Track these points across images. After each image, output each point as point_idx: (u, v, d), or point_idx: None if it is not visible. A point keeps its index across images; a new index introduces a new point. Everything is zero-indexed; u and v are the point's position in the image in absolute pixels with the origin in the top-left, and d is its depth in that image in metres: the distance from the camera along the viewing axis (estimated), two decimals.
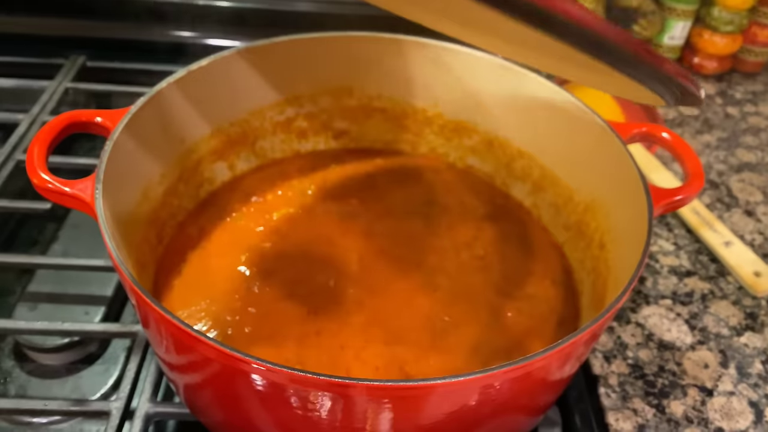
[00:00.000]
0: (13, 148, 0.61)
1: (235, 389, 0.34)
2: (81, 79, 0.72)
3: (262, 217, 0.52)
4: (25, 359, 0.51)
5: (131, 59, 0.75)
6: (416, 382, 0.30)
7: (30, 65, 0.74)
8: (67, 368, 0.51)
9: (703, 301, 0.57)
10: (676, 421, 0.48)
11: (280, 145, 0.57)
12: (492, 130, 0.55)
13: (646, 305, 0.56)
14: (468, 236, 0.52)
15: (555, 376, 0.37)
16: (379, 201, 0.54)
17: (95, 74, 0.73)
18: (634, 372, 0.51)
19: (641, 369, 0.51)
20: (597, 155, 0.47)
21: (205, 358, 0.33)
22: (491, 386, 0.33)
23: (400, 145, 0.59)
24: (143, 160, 0.45)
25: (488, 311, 0.47)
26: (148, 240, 0.46)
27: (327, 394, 0.31)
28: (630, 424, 0.47)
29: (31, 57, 0.74)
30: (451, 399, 0.33)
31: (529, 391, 0.37)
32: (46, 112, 0.66)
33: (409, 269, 0.49)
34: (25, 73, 0.72)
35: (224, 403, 0.37)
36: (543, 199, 0.53)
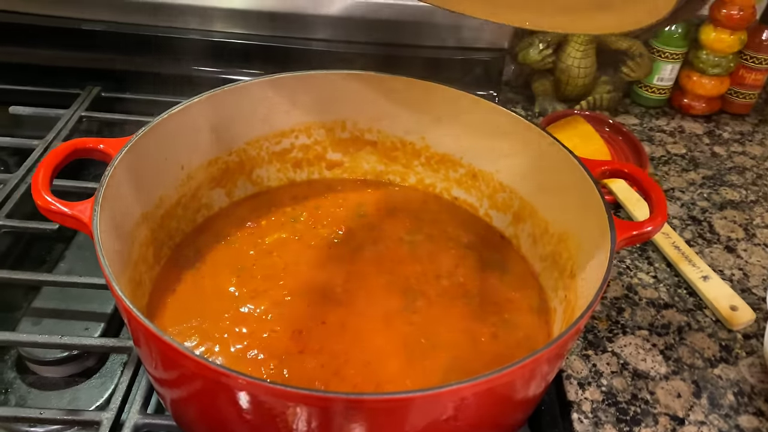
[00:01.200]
0: (27, 171, 0.65)
1: (217, 403, 0.37)
2: (95, 109, 0.76)
3: (254, 241, 0.55)
4: (27, 371, 0.54)
5: (143, 91, 0.79)
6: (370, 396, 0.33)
7: (48, 94, 0.78)
8: (66, 381, 0.54)
9: (680, 333, 0.59)
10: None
11: (276, 174, 0.60)
12: (475, 164, 0.58)
13: (623, 335, 0.58)
14: (450, 264, 0.55)
15: (520, 394, 0.39)
16: (366, 229, 0.57)
17: (109, 104, 0.77)
18: (608, 399, 0.53)
19: (614, 396, 0.53)
20: (569, 189, 0.49)
21: (189, 371, 0.35)
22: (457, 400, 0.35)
23: (390, 176, 0.62)
24: (143, 185, 0.48)
25: (465, 335, 0.49)
26: (145, 259, 0.49)
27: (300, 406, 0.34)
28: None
29: (50, 87, 0.78)
30: (418, 413, 0.35)
31: (495, 409, 0.39)
32: (60, 139, 0.70)
33: (391, 294, 0.51)
34: (43, 101, 0.77)
35: (208, 417, 0.40)
36: (522, 230, 0.56)
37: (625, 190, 0.71)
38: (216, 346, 0.46)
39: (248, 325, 0.48)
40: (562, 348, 0.37)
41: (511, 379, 0.36)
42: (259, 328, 0.48)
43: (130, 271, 0.46)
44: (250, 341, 0.47)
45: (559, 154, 0.50)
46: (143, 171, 0.47)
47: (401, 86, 0.57)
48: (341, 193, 0.61)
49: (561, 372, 0.54)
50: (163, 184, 0.51)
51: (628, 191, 0.71)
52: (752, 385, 0.55)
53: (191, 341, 0.47)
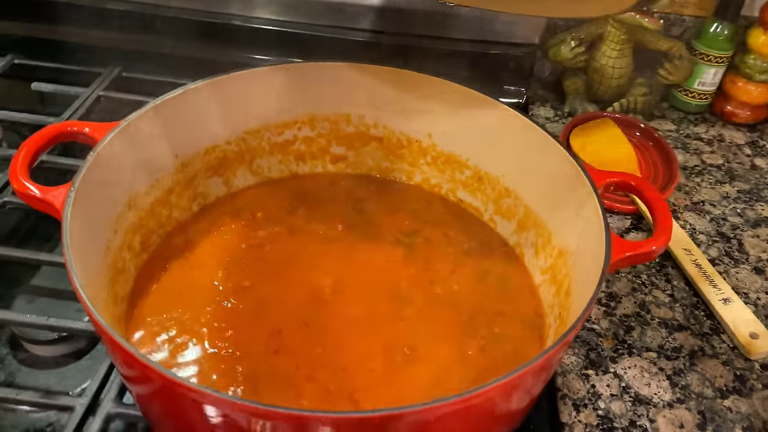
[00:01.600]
0: None
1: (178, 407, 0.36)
2: (114, 89, 0.76)
3: (247, 234, 0.54)
4: (19, 348, 0.55)
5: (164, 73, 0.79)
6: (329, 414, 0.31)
7: (71, 72, 0.78)
8: (57, 360, 0.54)
9: (691, 358, 0.55)
10: None
11: (278, 166, 0.59)
12: (482, 166, 0.56)
13: (629, 356, 0.55)
14: (446, 270, 0.52)
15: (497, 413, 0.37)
16: (364, 228, 0.55)
17: (128, 84, 0.77)
18: (603, 424, 0.50)
19: (611, 422, 0.50)
20: (571, 200, 0.46)
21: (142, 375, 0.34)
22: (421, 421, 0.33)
23: (395, 174, 0.60)
24: (131, 172, 0.47)
25: (451, 347, 0.47)
26: (131, 246, 0.48)
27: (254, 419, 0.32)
28: None
29: (73, 65, 0.78)
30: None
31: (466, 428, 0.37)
32: (75, 117, 0.70)
33: (380, 298, 0.50)
34: (66, 79, 0.77)
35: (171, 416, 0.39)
36: (526, 239, 0.53)
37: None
38: (192, 340, 0.46)
39: (228, 320, 0.47)
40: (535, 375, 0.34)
41: (478, 401, 0.34)
42: (238, 324, 0.47)
43: (112, 258, 0.46)
44: (227, 337, 0.46)
45: (563, 162, 0.47)
46: (131, 157, 0.47)
47: (412, 82, 0.55)
48: (343, 189, 0.59)
49: (556, 390, 0.51)
50: (154, 171, 0.50)
51: None
52: (765, 420, 0.51)
53: (168, 332, 0.46)
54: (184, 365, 0.44)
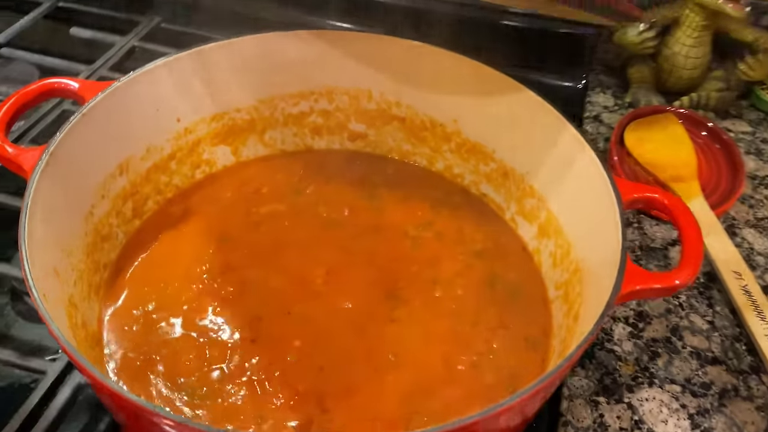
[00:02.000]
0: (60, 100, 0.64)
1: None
2: (151, 40, 0.74)
3: (248, 210, 0.51)
4: (19, 300, 0.54)
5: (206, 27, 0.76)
6: None
7: (110, 18, 0.77)
8: None
9: (721, 397, 0.49)
10: None
11: (292, 139, 0.55)
12: (508, 161, 0.51)
13: (649, 386, 0.49)
14: (452, 271, 0.48)
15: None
16: (372, 214, 0.51)
17: (166, 36, 0.75)
18: None
19: None
20: (594, 213, 0.41)
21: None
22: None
23: (415, 158, 0.56)
24: (123, 136, 0.45)
25: (441, 360, 0.43)
26: (120, 213, 0.46)
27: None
28: None
29: (112, 11, 0.77)
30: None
31: None
32: (106, 67, 0.69)
33: (374, 296, 0.46)
34: (104, 25, 0.75)
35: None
36: (545, 246, 0.48)
37: (701, 214, 0.60)
38: (170, 318, 0.43)
39: (209, 302, 0.44)
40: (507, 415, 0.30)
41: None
42: (218, 307, 0.44)
43: (96, 223, 0.44)
44: (205, 321, 0.43)
45: (591, 168, 0.42)
46: (124, 120, 0.44)
47: (442, 60, 0.50)
48: (359, 169, 0.55)
49: (559, 415, 0.47)
50: (151, 136, 0.47)
51: (704, 215, 0.60)
52: None
53: (146, 306, 0.44)
54: (154, 345, 0.42)
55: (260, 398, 0.39)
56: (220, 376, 0.40)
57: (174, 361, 0.41)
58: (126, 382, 0.40)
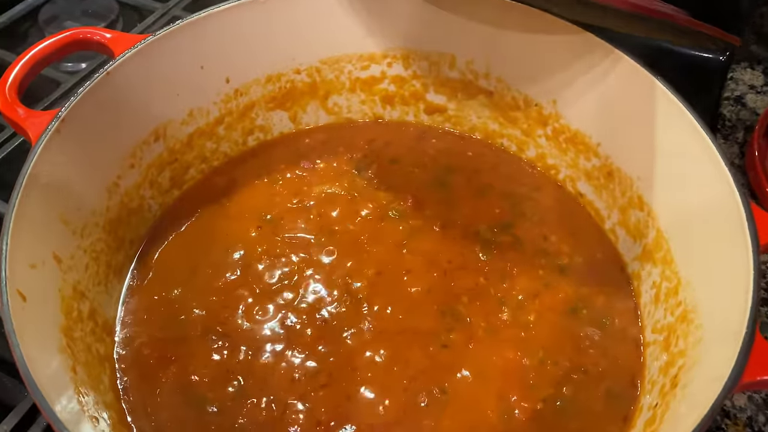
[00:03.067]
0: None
1: None
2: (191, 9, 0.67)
3: (300, 188, 0.45)
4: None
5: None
6: None
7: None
8: None
9: None
10: None
11: (359, 106, 0.48)
12: (616, 159, 0.41)
13: None
14: (528, 290, 0.40)
15: None
16: (440, 208, 0.43)
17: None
18: None
19: None
20: (718, 250, 0.31)
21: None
22: None
23: (503, 141, 0.47)
24: (161, 97, 0.39)
25: (496, 401, 0.35)
26: (154, 183, 0.41)
27: None
28: None
29: None
30: None
31: None
32: (179, 7, 0.63)
33: (427, 310, 0.39)
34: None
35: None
36: (649, 274, 0.38)
37: None
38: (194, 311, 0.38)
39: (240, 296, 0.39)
40: None
41: None
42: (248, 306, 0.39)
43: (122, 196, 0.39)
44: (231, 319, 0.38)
45: (722, 190, 0.31)
46: (161, 80, 0.39)
47: (543, 25, 0.40)
48: (432, 149, 0.47)
49: None
50: (195, 97, 0.42)
51: None
52: None
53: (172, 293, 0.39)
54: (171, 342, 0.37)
55: (276, 422, 0.34)
56: (236, 392, 0.35)
57: (189, 364, 0.36)
58: (132, 382, 0.35)
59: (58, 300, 0.32)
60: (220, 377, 0.36)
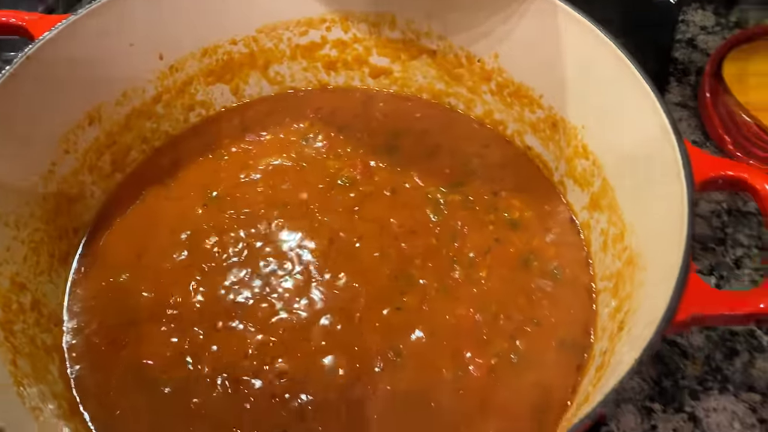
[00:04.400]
0: None
1: None
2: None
3: (246, 162, 0.44)
4: None
5: None
6: None
7: None
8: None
9: None
10: None
11: (302, 74, 0.47)
12: (559, 109, 0.40)
13: (719, 393, 0.40)
14: (480, 247, 0.39)
15: None
16: (390, 172, 0.43)
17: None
18: None
19: None
20: (658, 193, 0.31)
21: None
22: None
23: (450, 100, 0.46)
24: (90, 79, 0.38)
25: (452, 361, 0.35)
26: (94, 168, 0.41)
27: None
28: None
29: None
30: None
31: None
32: None
33: (380, 275, 0.38)
34: None
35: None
36: (597, 222, 0.38)
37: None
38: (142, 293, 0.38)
39: (189, 275, 0.39)
40: None
41: None
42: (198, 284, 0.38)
43: (59, 184, 0.38)
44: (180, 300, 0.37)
45: (658, 132, 0.31)
46: (88, 61, 0.37)
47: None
48: (379, 112, 0.46)
49: (599, 425, 0.39)
50: (127, 77, 0.40)
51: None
52: None
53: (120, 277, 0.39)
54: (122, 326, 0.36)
55: (231, 399, 0.34)
56: (189, 371, 0.35)
57: (141, 348, 0.36)
58: (84, 370, 0.35)
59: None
60: (173, 358, 0.35)
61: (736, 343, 0.42)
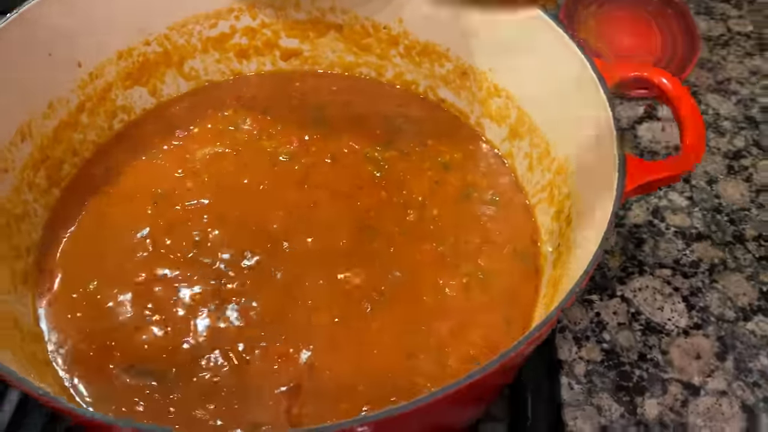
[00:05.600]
0: None
1: None
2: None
3: (182, 157, 0.45)
4: None
5: None
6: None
7: None
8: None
9: (711, 273, 0.48)
10: (646, 424, 0.41)
11: (216, 66, 0.48)
12: (465, 58, 0.45)
13: (639, 275, 0.47)
14: (424, 191, 0.43)
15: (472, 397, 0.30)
16: (325, 142, 0.46)
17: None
18: (608, 360, 0.43)
19: (617, 356, 0.43)
20: (576, 103, 0.37)
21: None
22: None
23: (361, 70, 0.50)
24: (17, 94, 0.37)
25: (429, 287, 0.39)
26: (33, 185, 0.39)
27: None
28: (590, 426, 0.40)
29: None
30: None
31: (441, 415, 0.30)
32: None
33: (343, 231, 0.41)
34: None
35: None
36: (519, 149, 0.44)
37: None
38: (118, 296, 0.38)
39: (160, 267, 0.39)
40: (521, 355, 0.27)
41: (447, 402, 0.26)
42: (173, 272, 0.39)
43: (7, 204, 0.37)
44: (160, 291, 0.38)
45: (563, 50, 0.37)
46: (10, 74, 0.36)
47: None
48: (297, 91, 0.49)
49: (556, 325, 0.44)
50: (51, 87, 0.40)
51: None
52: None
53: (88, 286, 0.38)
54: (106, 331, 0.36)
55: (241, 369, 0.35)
56: (190, 352, 0.36)
57: (133, 344, 0.36)
58: (82, 378, 0.34)
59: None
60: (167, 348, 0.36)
61: (642, 232, 0.50)
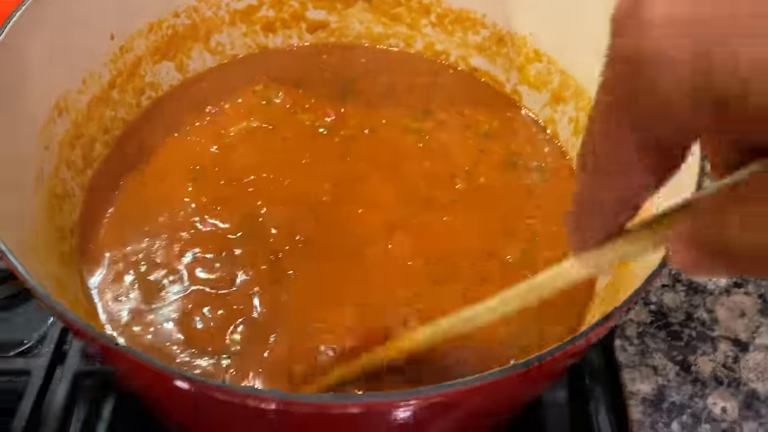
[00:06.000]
0: None
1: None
2: None
3: (216, 132, 0.43)
4: None
5: None
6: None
7: None
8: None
9: None
10: (703, 381, 0.41)
11: (242, 40, 0.47)
12: (502, 24, 0.45)
13: None
14: (468, 160, 0.43)
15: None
16: (361, 115, 0.45)
17: None
18: (657, 321, 0.43)
19: (665, 317, 0.44)
20: None
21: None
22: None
23: (391, 41, 0.49)
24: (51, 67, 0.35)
25: (487, 254, 0.38)
26: (71, 163, 0.37)
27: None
28: (649, 386, 0.40)
29: None
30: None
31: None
32: None
33: (394, 199, 0.40)
34: None
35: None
36: (563, 113, 0.44)
37: None
38: (169, 277, 0.36)
39: (209, 247, 0.37)
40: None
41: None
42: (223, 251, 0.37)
43: (49, 183, 0.35)
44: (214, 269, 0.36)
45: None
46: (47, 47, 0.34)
47: None
48: (328, 65, 0.48)
49: None
50: (85, 60, 0.38)
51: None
52: None
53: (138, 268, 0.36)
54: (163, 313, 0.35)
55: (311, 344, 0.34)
56: (246, 330, 0.34)
57: (191, 325, 0.34)
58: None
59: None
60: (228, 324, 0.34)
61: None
